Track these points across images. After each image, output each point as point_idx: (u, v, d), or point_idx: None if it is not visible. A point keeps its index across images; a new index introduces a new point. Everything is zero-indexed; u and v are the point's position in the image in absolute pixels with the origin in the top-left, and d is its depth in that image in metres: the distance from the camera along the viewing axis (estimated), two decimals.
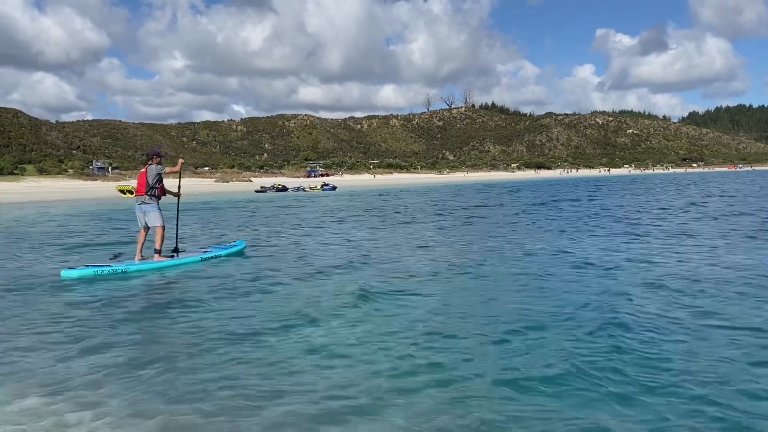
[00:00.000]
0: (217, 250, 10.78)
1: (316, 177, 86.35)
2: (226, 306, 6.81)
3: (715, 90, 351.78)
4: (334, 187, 53.48)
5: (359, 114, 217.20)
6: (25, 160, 79.94)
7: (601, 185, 55.42)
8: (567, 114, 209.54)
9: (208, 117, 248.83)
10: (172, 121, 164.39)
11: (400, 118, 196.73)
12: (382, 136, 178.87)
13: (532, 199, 32.40)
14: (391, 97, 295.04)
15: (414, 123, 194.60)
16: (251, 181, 74.00)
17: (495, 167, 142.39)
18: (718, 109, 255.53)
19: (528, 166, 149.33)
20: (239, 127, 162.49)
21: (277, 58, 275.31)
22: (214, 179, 75.30)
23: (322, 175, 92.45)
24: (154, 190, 9.92)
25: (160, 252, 9.76)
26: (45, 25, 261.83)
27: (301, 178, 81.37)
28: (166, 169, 10.13)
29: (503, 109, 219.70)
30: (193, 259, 10.03)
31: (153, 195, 9.90)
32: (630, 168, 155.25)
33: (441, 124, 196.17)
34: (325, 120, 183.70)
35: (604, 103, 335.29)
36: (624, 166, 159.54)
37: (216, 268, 9.37)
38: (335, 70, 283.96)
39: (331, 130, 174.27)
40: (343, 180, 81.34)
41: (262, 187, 53.84)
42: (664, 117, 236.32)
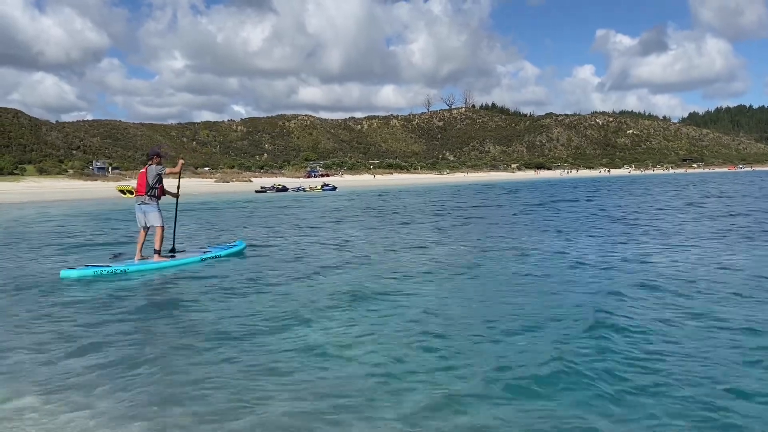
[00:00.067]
0: (216, 250, 10.79)
1: (316, 177, 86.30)
2: (224, 306, 6.86)
3: (715, 91, 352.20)
4: (334, 188, 53.51)
5: (359, 114, 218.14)
6: (25, 160, 79.98)
7: (600, 186, 55.46)
8: (567, 114, 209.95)
9: (208, 117, 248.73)
10: (172, 122, 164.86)
11: (400, 118, 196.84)
12: (382, 136, 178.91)
13: (530, 199, 32.46)
14: (391, 98, 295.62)
15: (414, 123, 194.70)
16: (251, 181, 74.00)
17: (495, 168, 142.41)
18: (718, 109, 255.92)
19: (528, 166, 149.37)
20: (239, 127, 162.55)
21: (277, 58, 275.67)
22: (214, 179, 75.36)
23: (322, 175, 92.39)
24: (154, 191, 9.95)
25: (160, 252, 9.82)
26: (45, 25, 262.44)
27: (301, 179, 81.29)
28: (166, 170, 10.17)
29: (503, 110, 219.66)
30: (193, 259, 10.06)
31: (153, 195, 9.94)
32: (630, 168, 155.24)
33: (441, 124, 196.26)
34: (325, 120, 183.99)
35: (604, 103, 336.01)
36: (624, 167, 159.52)
37: (216, 269, 9.41)
38: (335, 71, 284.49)
39: (332, 131, 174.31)
40: (343, 180, 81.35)
41: (262, 187, 53.84)
42: (664, 117, 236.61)
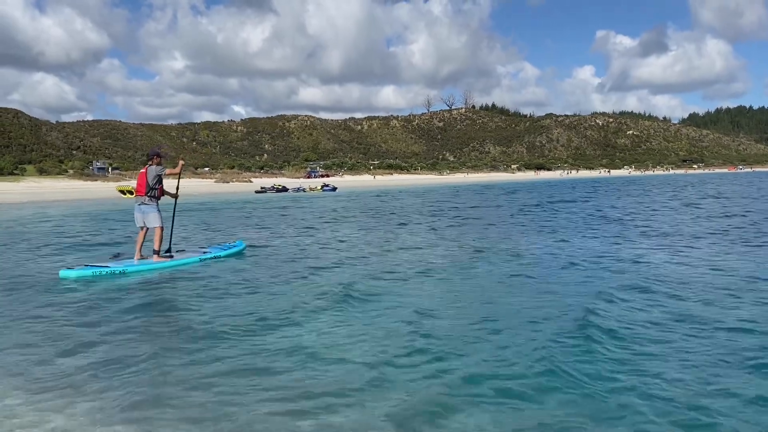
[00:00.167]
0: (216, 250, 10.81)
1: (316, 178, 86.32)
2: (220, 306, 6.93)
3: (715, 91, 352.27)
4: (334, 188, 53.56)
5: (359, 115, 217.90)
6: (26, 160, 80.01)
7: (599, 186, 55.51)
8: (567, 115, 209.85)
9: (209, 117, 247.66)
10: (173, 122, 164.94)
11: (400, 119, 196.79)
12: (382, 136, 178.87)
13: (528, 200, 32.54)
14: (391, 98, 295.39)
15: (414, 124, 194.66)
16: (251, 181, 74.05)
17: (495, 168, 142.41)
18: (718, 110, 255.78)
19: (528, 167, 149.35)
20: (239, 127, 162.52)
21: (278, 58, 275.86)
22: (215, 180, 75.41)
23: (322, 175, 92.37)
24: (154, 191, 9.98)
25: (159, 253, 9.89)
26: (45, 25, 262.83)
27: (302, 179, 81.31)
28: (166, 170, 10.21)
29: (503, 110, 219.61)
30: (192, 259, 10.11)
31: (153, 196, 9.98)
32: (630, 169, 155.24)
33: (441, 125, 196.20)
34: (325, 121, 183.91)
35: (604, 104, 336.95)
36: (624, 168, 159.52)
37: (214, 269, 9.47)
38: (335, 71, 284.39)
39: (332, 131, 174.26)
40: (344, 181, 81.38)
41: (262, 187, 53.90)
42: (664, 118, 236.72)
